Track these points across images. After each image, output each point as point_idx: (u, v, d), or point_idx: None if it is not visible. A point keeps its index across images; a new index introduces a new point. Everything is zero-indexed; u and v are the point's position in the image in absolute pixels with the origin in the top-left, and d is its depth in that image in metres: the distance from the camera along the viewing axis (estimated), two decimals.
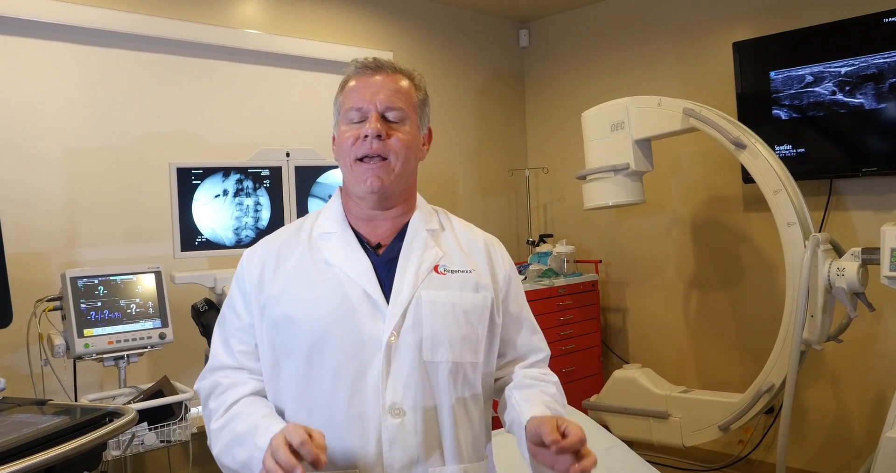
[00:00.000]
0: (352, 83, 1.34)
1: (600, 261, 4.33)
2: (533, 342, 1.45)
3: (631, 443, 2.92)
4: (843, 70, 3.24)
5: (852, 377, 3.44)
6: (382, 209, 1.35)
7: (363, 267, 1.29)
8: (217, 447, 1.29)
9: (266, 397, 1.33)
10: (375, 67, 1.33)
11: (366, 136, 1.28)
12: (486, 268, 1.38)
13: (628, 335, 4.33)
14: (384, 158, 1.29)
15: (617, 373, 3.75)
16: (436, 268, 1.32)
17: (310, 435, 1.11)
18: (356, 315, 1.26)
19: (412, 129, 1.33)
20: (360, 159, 1.29)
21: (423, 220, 1.38)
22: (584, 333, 4.06)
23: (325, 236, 1.35)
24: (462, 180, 4.40)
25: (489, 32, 4.58)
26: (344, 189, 1.40)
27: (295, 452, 1.09)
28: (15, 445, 1.60)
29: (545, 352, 1.46)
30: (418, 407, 1.24)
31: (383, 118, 1.30)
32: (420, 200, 1.43)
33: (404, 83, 1.34)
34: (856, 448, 3.40)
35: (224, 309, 1.39)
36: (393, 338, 1.25)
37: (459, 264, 1.35)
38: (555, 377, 1.43)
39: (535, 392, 1.34)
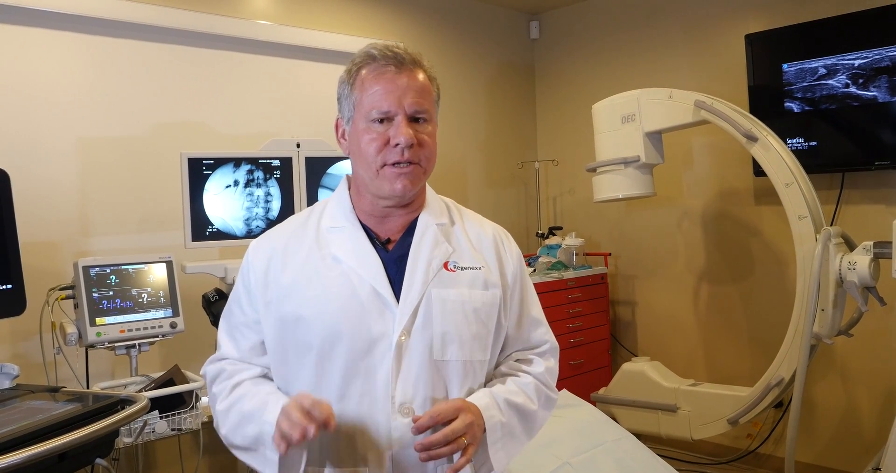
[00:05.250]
0: (370, 76, 1.26)
1: (610, 254, 4.32)
2: (535, 336, 1.42)
3: (639, 436, 2.93)
4: (856, 62, 3.21)
5: (863, 371, 3.43)
6: (399, 207, 1.32)
7: (373, 264, 1.27)
8: (225, 427, 1.29)
9: (270, 379, 1.33)
10: (397, 62, 1.25)
11: (397, 144, 1.23)
12: (495, 265, 1.35)
13: (637, 328, 4.32)
14: (416, 163, 1.26)
15: (626, 366, 3.75)
16: (445, 265, 1.30)
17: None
18: (366, 314, 1.24)
19: (434, 128, 1.30)
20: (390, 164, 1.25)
21: (434, 214, 1.35)
22: (592, 325, 4.06)
23: (333, 231, 1.32)
24: (471, 172, 4.40)
25: (500, 24, 4.56)
26: (354, 184, 1.35)
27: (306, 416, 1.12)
28: (28, 431, 1.62)
29: (548, 344, 1.43)
30: (427, 406, 1.23)
31: (410, 120, 1.25)
32: (429, 192, 1.39)
33: (424, 79, 1.28)
34: (865, 442, 3.39)
35: (230, 302, 1.38)
36: (403, 337, 1.23)
37: (469, 260, 1.33)
38: (538, 368, 1.38)
39: (497, 383, 1.33)
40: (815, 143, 3.37)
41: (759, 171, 3.32)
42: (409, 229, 1.33)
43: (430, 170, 1.30)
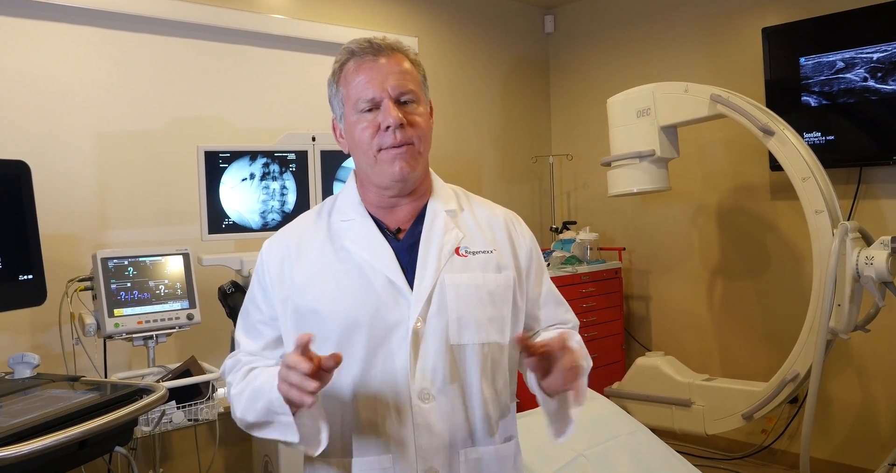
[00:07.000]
0: (351, 69, 1.29)
1: (624, 248, 4.31)
2: (558, 314, 1.44)
3: (653, 430, 2.92)
4: (875, 56, 3.18)
5: (879, 367, 3.40)
6: (404, 196, 1.33)
7: (385, 254, 1.28)
8: (239, 409, 1.28)
9: None
10: (374, 50, 1.28)
11: (387, 127, 1.25)
12: (507, 247, 1.37)
13: (651, 323, 4.31)
14: (409, 144, 1.27)
15: (640, 361, 3.75)
16: (457, 250, 1.31)
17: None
18: (381, 303, 1.25)
19: (424, 108, 1.31)
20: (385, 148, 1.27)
21: (442, 201, 1.36)
22: (606, 320, 4.05)
23: (344, 224, 1.33)
24: (486, 167, 4.40)
25: (514, 18, 4.56)
26: (359, 179, 1.37)
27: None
28: (49, 419, 1.64)
29: (572, 322, 1.46)
30: (447, 391, 1.25)
31: (396, 103, 1.26)
32: (436, 180, 1.41)
33: (406, 63, 1.30)
34: (882, 438, 3.36)
35: (246, 301, 1.39)
36: (419, 324, 1.25)
37: (480, 244, 1.34)
38: (578, 337, 1.40)
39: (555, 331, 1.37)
40: (832, 137, 3.35)
41: (775, 165, 3.30)
42: (419, 218, 1.34)
43: (426, 150, 1.31)
